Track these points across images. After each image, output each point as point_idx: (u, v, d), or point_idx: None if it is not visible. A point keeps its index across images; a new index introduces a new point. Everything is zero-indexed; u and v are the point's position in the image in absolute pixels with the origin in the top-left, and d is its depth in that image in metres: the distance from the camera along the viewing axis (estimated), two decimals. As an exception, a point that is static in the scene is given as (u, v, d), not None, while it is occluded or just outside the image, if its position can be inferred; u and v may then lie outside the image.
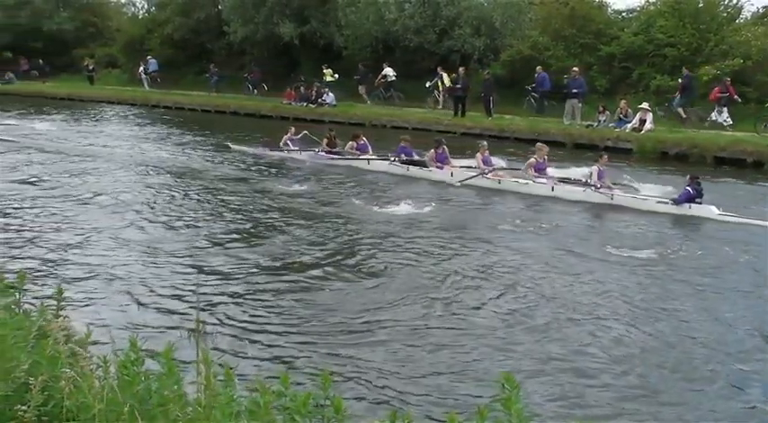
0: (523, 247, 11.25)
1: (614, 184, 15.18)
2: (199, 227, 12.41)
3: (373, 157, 18.72)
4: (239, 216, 13.33)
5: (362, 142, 19.40)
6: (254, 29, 37.01)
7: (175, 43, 43.21)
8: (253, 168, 18.70)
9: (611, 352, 7.26)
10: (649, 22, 28.27)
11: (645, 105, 22.37)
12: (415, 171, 17.44)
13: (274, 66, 38.40)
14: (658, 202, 14.13)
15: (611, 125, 23.05)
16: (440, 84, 29.66)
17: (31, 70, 49.72)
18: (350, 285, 9.31)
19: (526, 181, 15.79)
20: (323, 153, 19.79)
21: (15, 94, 43.28)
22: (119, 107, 37.43)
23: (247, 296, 8.83)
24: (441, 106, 29.73)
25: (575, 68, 25.23)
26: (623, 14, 32.39)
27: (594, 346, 7.41)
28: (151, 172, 17.96)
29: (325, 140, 20.16)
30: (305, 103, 31.92)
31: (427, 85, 30.09)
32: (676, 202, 13.74)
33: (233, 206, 14.18)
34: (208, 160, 20.10)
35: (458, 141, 21.49)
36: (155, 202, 14.30)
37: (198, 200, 14.76)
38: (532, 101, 27.88)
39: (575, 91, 24.62)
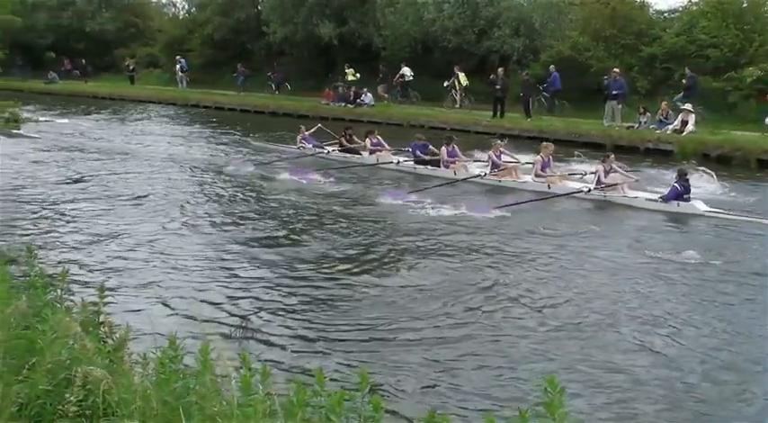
0: (518, 245, 11.31)
1: (629, 170, 15.51)
2: (231, 227, 12.52)
3: (387, 156, 19.15)
4: (267, 216, 13.44)
5: (376, 140, 19.78)
6: (293, 29, 37.16)
7: (215, 43, 43.54)
8: (279, 167, 18.79)
9: (654, 357, 7.17)
10: (692, 22, 27.92)
11: (687, 107, 22.04)
12: (421, 169, 18.02)
13: (313, 66, 38.59)
14: (647, 199, 14.33)
15: (651, 127, 22.78)
16: (456, 83, 29.92)
17: (73, 70, 50.46)
18: (382, 287, 9.31)
19: (524, 179, 16.29)
20: (336, 152, 20.24)
21: (58, 93, 43.93)
22: (159, 107, 37.80)
23: (283, 297, 8.85)
24: (458, 105, 29.94)
25: (615, 69, 24.94)
26: (665, 15, 32.06)
27: (633, 349, 7.33)
28: (188, 171, 18.14)
29: (342, 138, 20.49)
30: (343, 104, 31.98)
31: (445, 84, 30.44)
32: (665, 199, 13.90)
33: (263, 205, 14.34)
34: (244, 161, 20.17)
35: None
36: (190, 202, 14.46)
37: (230, 200, 14.88)
38: (543, 100, 27.73)
39: (615, 93, 24.32)
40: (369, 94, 31.67)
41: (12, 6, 45.55)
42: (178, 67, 42.56)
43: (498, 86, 26.63)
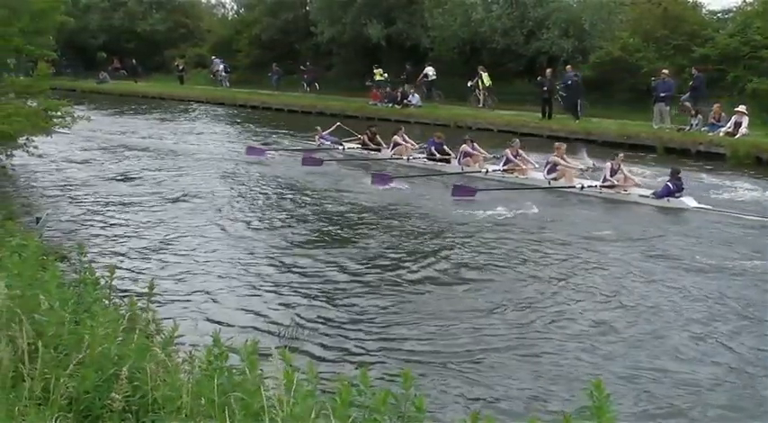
0: (515, 244, 11.47)
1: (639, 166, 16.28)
2: (271, 226, 12.75)
3: (401, 152, 19.76)
4: (288, 213, 13.76)
5: (402, 138, 20.14)
6: (341, 29, 37.21)
7: (263, 44, 43.77)
8: (295, 162, 19.19)
9: (701, 362, 7.06)
10: (746, 23, 27.31)
11: (741, 108, 21.56)
12: (431, 165, 18.97)
13: (360, 66, 38.64)
14: (641, 195, 14.94)
15: (703, 129, 22.38)
16: (480, 83, 30.10)
17: (121, 70, 51.31)
18: (418, 286, 9.40)
19: (525, 176, 17.09)
20: (353, 150, 20.93)
21: (109, 93, 44.67)
22: (207, 106, 38.18)
23: (328, 297, 8.92)
24: (481, 105, 30.06)
25: (664, 71, 24.51)
26: (718, 15, 31.46)
27: (671, 352, 7.22)
28: (235, 171, 18.34)
29: (365, 136, 20.97)
30: (390, 104, 31.99)
31: (468, 84, 30.74)
32: (657, 195, 14.55)
33: (288, 203, 14.74)
34: (287, 161, 20.26)
35: (544, 143, 21.27)
36: (230, 203, 14.64)
37: (266, 200, 15.04)
38: (560, 100, 27.41)
39: (663, 94, 23.90)
40: (416, 94, 31.64)
41: (65, 8, 46.38)
42: (221, 67, 43.06)
43: (546, 88, 26.41)
